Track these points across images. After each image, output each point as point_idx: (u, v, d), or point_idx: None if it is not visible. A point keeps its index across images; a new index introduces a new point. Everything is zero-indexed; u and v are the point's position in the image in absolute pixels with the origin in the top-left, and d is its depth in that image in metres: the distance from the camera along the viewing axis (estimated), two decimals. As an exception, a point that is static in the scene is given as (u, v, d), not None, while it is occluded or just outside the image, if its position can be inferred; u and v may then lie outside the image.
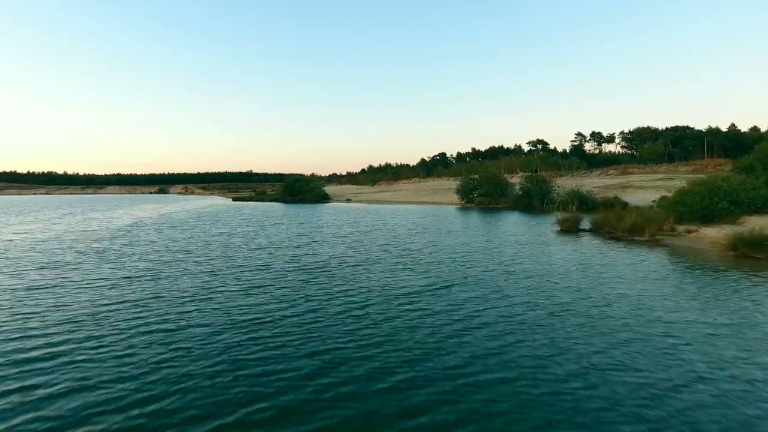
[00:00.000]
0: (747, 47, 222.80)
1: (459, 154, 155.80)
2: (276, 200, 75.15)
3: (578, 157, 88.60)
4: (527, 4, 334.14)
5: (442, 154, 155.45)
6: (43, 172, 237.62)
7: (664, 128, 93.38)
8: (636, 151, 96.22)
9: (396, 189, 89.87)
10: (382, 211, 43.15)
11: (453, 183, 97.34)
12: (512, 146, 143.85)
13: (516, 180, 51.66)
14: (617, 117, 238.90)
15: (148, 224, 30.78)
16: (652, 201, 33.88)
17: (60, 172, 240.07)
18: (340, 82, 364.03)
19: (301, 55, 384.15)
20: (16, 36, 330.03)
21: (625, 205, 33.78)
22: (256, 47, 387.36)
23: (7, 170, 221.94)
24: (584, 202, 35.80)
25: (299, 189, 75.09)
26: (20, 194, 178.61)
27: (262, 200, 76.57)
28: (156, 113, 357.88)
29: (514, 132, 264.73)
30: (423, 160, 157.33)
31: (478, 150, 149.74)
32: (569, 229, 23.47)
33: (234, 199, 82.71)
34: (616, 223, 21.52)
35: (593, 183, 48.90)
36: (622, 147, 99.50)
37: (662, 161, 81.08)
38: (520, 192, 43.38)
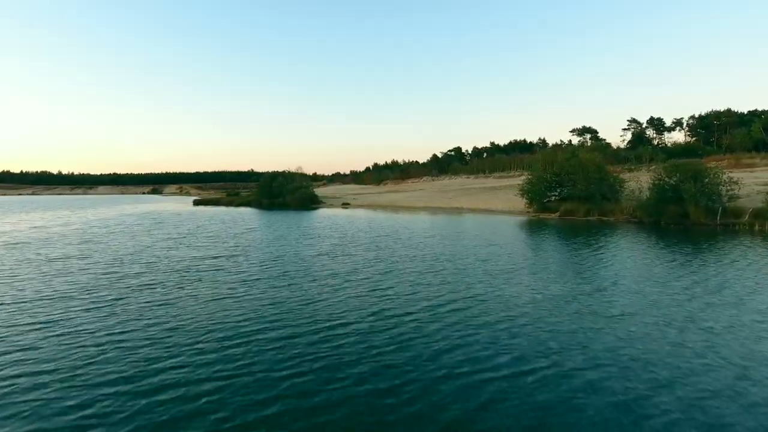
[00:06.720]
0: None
1: (475, 148, 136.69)
2: (249, 204, 57.14)
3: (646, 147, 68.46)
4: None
5: (458, 149, 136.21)
6: (36, 172, 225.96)
7: (746, 112, 73.37)
8: (694, 139, 76.37)
9: (408, 189, 71.20)
10: (424, 237, 21.09)
11: (476, 181, 78.94)
12: (536, 140, 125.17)
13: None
14: (636, 108, 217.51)
15: None
16: None
17: (55, 172, 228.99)
18: (342, 82, 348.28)
19: (301, 54, 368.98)
20: (15, 36, 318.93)
21: None
22: (256, 47, 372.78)
23: (4, 170, 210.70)
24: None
25: (278, 190, 56.80)
26: (5, 195, 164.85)
27: (231, 203, 58.37)
28: (156, 113, 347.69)
29: (521, 129, 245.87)
30: (435, 156, 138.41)
31: (497, 144, 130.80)
32: None
33: (196, 203, 64.16)
34: None
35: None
36: (688, 135, 79.14)
37: (754, 150, 61.27)
38: (656, 192, 23.85)
